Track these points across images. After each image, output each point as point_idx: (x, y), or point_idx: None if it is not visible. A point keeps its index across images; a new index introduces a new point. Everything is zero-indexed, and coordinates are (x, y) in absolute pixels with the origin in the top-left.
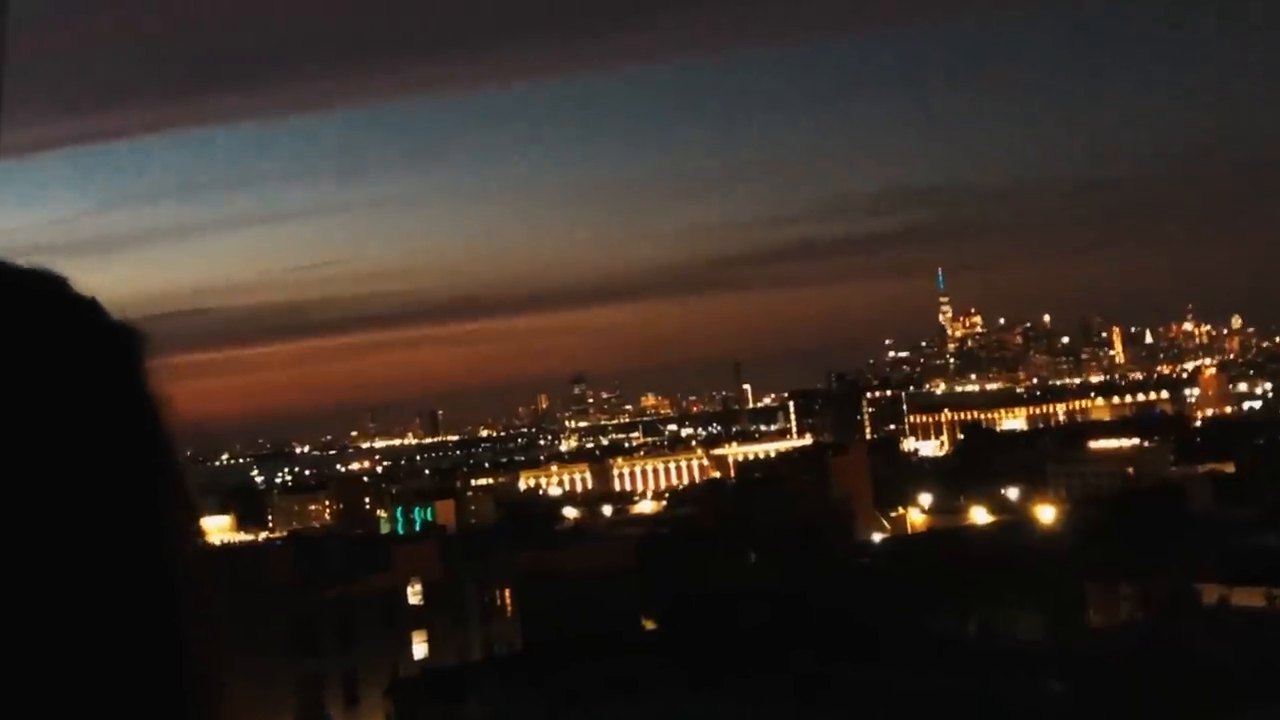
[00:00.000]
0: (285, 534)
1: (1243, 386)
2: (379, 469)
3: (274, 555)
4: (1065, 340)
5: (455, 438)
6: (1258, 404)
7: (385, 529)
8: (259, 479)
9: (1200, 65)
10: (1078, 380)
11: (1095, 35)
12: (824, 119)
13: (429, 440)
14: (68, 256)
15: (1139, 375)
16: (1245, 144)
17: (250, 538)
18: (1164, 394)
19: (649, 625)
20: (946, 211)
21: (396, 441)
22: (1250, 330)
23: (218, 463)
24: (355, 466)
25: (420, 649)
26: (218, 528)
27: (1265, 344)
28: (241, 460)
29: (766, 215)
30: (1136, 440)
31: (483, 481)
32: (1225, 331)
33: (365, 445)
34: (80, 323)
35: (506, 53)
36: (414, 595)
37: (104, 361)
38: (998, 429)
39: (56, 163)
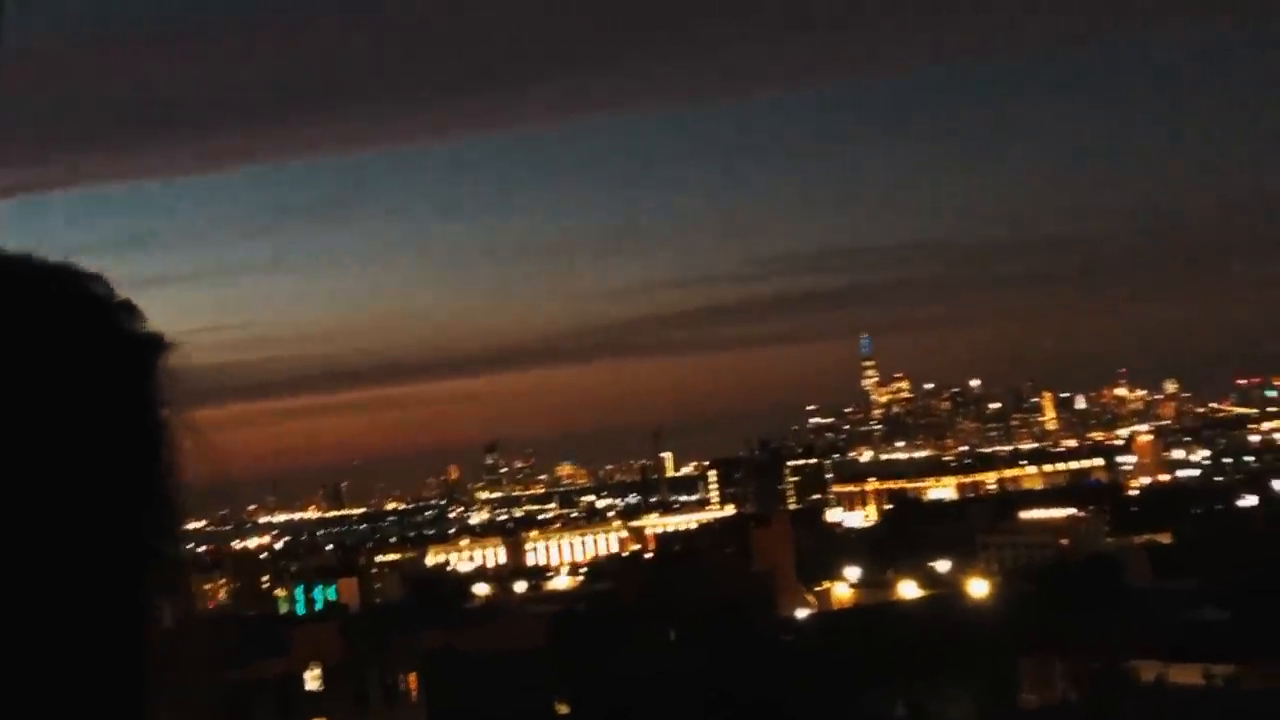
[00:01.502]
0: (175, 617)
1: (1179, 453)
2: (278, 545)
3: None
4: (995, 406)
5: (360, 510)
6: (1195, 471)
7: (284, 609)
8: None
9: (1135, 126)
10: (1008, 447)
11: (1026, 93)
12: (745, 177)
13: (332, 514)
14: None
15: (1072, 442)
16: (1180, 207)
17: None
18: (1098, 461)
19: (563, 709)
20: (871, 273)
21: (297, 515)
22: (1185, 395)
23: None
24: (253, 542)
25: None
26: None
27: (1200, 409)
28: None
29: (686, 276)
30: (1070, 510)
31: (389, 557)
32: (1160, 397)
33: (264, 519)
34: (86, 327)
35: (418, 109)
36: (313, 680)
37: (102, 368)
38: (925, 499)
39: None
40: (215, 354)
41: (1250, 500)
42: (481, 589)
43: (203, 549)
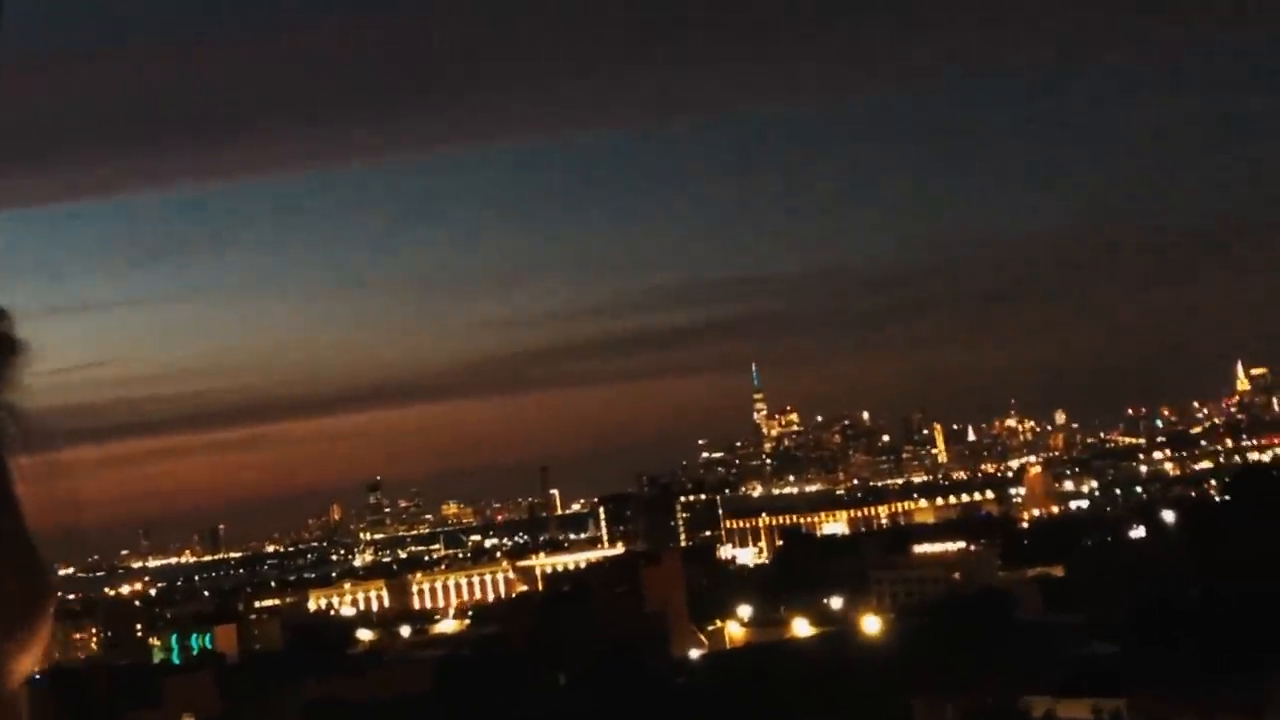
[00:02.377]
0: (44, 667)
1: (1069, 485)
2: (152, 591)
3: (32, 694)
4: (885, 438)
5: (238, 555)
6: (1084, 503)
7: (159, 658)
8: None
9: (1022, 153)
10: (900, 480)
11: (916, 119)
12: (628, 208)
13: (209, 558)
14: None
15: (963, 474)
16: (1070, 235)
17: None
18: (989, 494)
19: None
20: (759, 304)
21: (172, 560)
22: (1074, 426)
23: None
24: (126, 589)
25: None
26: None
27: (1090, 440)
28: None
29: (570, 308)
30: (962, 543)
31: (268, 603)
32: (1049, 428)
33: (137, 565)
34: None
35: (298, 136)
36: None
37: None
38: (818, 533)
39: None
40: (80, 393)
41: (1139, 531)
42: (365, 634)
43: (72, 596)
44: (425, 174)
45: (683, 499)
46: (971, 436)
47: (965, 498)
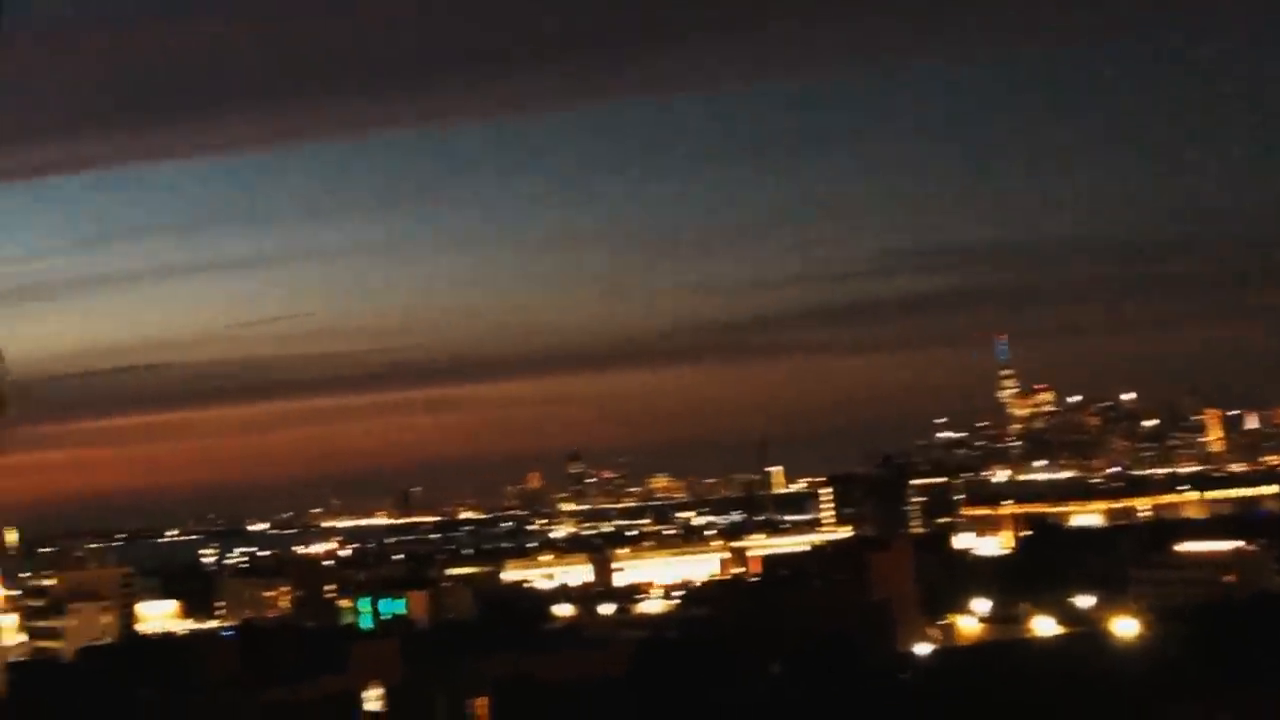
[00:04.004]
0: (236, 623)
1: None
2: (343, 552)
3: (218, 649)
4: (1151, 423)
5: (432, 519)
6: None
7: (348, 621)
8: (209, 559)
9: None
10: (1165, 470)
11: (1190, 78)
12: (871, 164)
13: (401, 521)
14: (11, 303)
15: (1240, 466)
16: None
17: (197, 626)
18: (1271, 489)
19: None
20: (1008, 272)
21: (364, 521)
22: None
23: (163, 539)
24: (317, 548)
25: None
26: (162, 614)
27: None
28: (191, 537)
29: (803, 272)
30: (1236, 543)
31: (461, 571)
32: None
33: (328, 524)
34: None
35: (503, 80)
36: (372, 701)
37: None
38: (1068, 525)
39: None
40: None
41: None
42: (563, 610)
43: (265, 552)
44: (632, 122)
45: (917, 482)
46: (1251, 424)
47: (1241, 492)
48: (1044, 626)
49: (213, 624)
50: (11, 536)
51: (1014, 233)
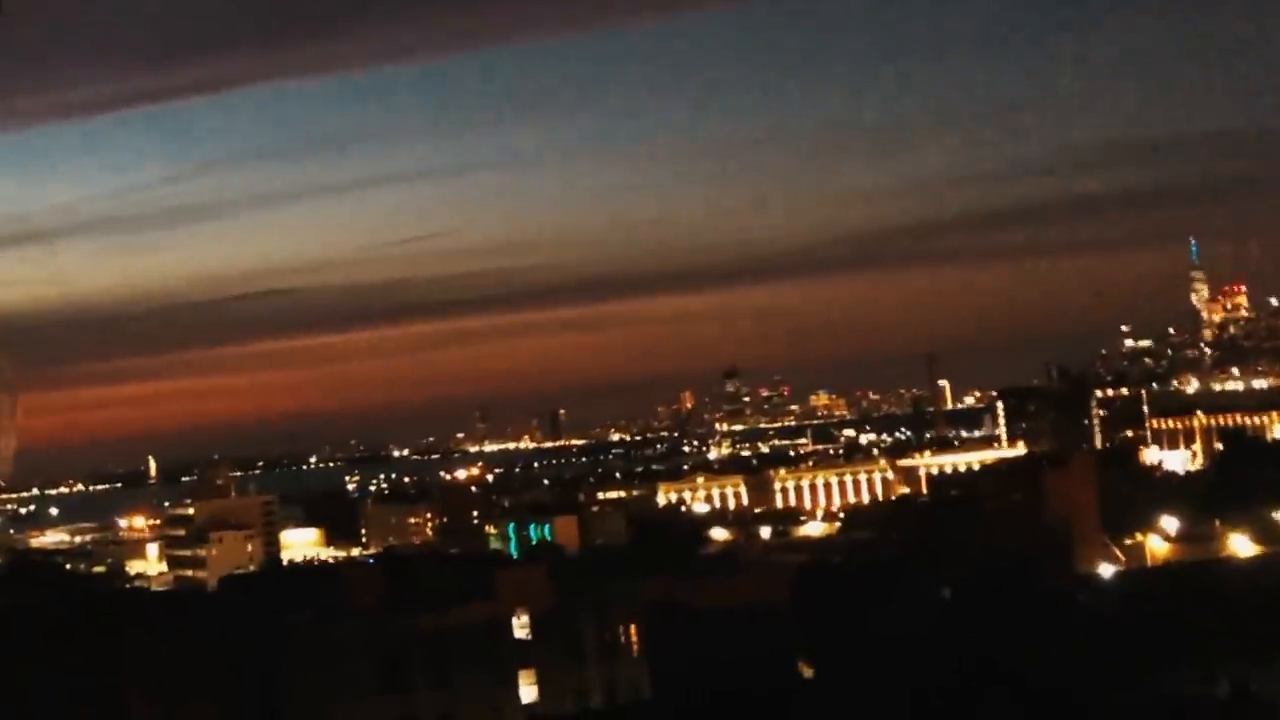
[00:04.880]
0: (379, 551)
1: None
2: (489, 477)
3: (362, 576)
4: None
5: (580, 442)
6: None
7: (495, 547)
8: (352, 486)
9: None
10: None
11: None
12: (1033, 54)
13: (549, 444)
14: (141, 229)
15: None
16: None
17: (341, 554)
18: None
19: (807, 672)
20: (1198, 166)
21: (510, 445)
22: None
23: (305, 466)
24: (461, 474)
25: (528, 692)
26: (304, 542)
27: None
28: (332, 464)
29: (969, 172)
30: None
31: (612, 495)
32: None
33: (473, 449)
34: None
35: None
36: (521, 628)
37: None
38: (1267, 437)
39: (128, 124)
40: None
41: None
42: (719, 534)
43: (407, 479)
44: (784, 18)
45: (1100, 394)
46: None
47: None
48: (1240, 545)
49: (356, 552)
50: (150, 466)
51: (1201, 123)
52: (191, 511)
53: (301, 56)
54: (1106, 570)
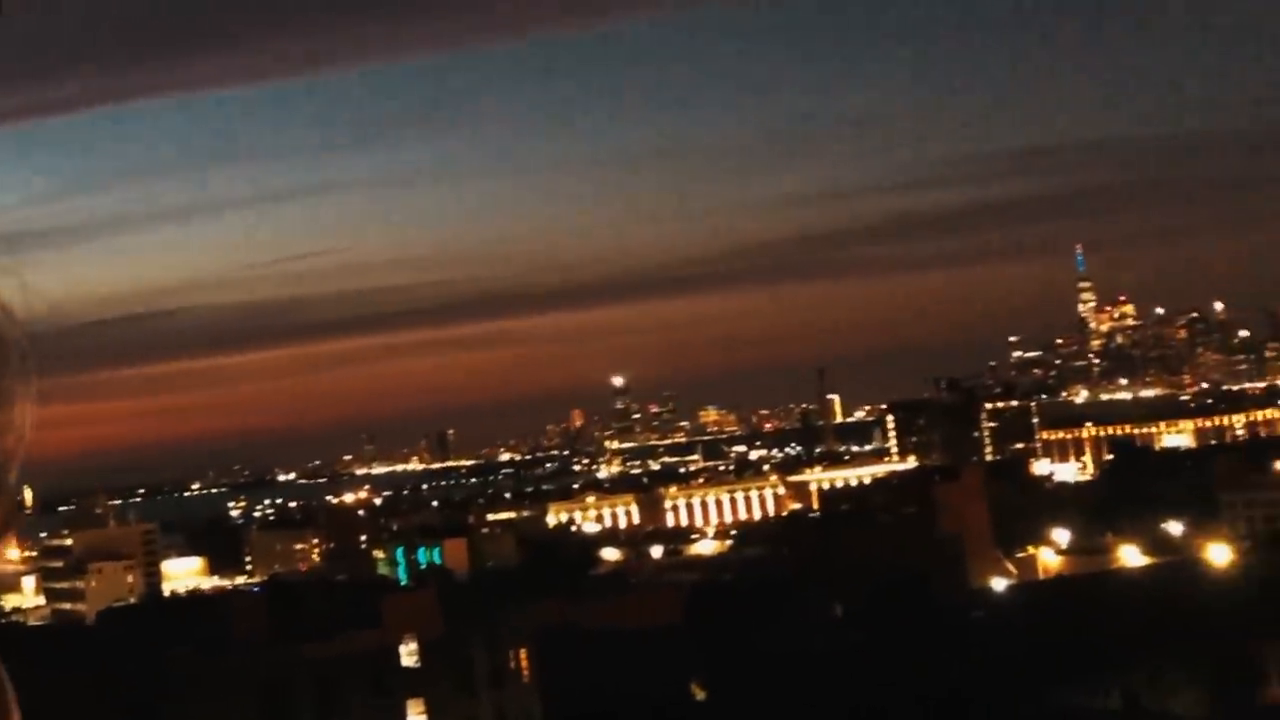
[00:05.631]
0: (264, 579)
1: None
2: (377, 500)
3: (245, 606)
4: (1244, 334)
5: (470, 462)
6: None
7: (384, 572)
8: (236, 512)
9: None
10: (1261, 384)
11: None
12: (920, 65)
13: (438, 465)
14: (15, 250)
15: None
16: None
17: (225, 583)
18: None
19: (699, 694)
20: (1083, 175)
21: (399, 467)
22: None
23: (188, 493)
24: (349, 497)
25: None
26: (187, 571)
27: None
28: (216, 490)
29: (858, 184)
30: None
31: (503, 516)
32: None
33: (361, 471)
34: None
35: None
36: (409, 656)
37: None
38: (1156, 447)
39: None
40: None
41: None
42: (611, 554)
43: (293, 504)
44: (682, 30)
45: (990, 405)
46: None
47: None
48: (1130, 557)
49: (240, 580)
50: (27, 495)
51: (1088, 132)
52: (69, 542)
53: (185, 71)
54: (999, 584)
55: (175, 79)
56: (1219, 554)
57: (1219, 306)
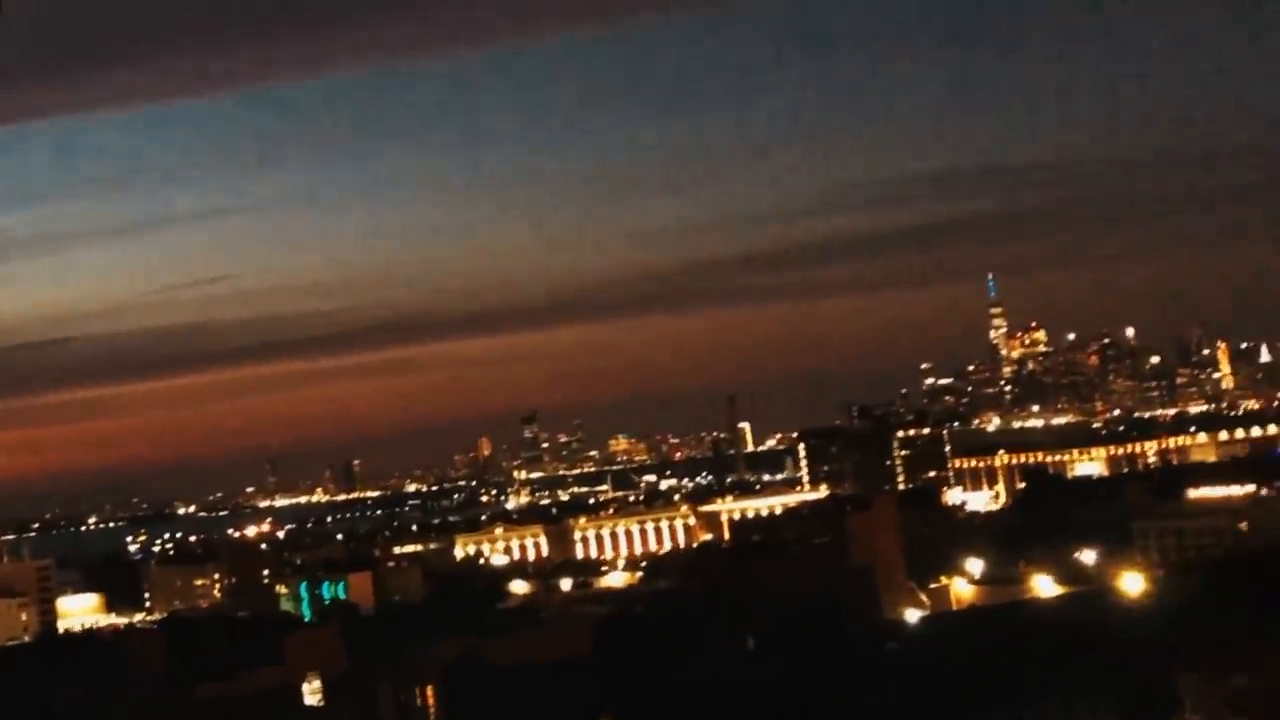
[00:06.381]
0: (163, 615)
1: None
2: (280, 534)
3: (143, 644)
4: (1155, 360)
5: (375, 493)
6: None
7: (287, 608)
8: (134, 547)
9: None
10: (1172, 410)
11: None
12: (831, 90)
13: (342, 497)
14: None
15: (1254, 404)
16: None
17: (123, 621)
18: None
19: None
20: (992, 200)
21: (302, 499)
22: None
23: (84, 527)
24: (251, 531)
25: None
26: (83, 609)
27: None
28: (113, 524)
29: (762, 210)
30: (1250, 487)
31: (409, 548)
32: None
33: (264, 504)
34: None
35: (440, 16)
36: (313, 694)
37: None
38: (1068, 474)
39: None
40: (196, 310)
41: None
42: (519, 586)
43: (194, 538)
44: (589, 55)
45: (901, 434)
46: (1265, 357)
47: (1256, 431)
48: (1043, 586)
49: (139, 617)
50: None
51: (996, 157)
52: None
53: (84, 91)
54: (913, 615)
55: (63, 100)
56: (1132, 583)
57: (1130, 333)
